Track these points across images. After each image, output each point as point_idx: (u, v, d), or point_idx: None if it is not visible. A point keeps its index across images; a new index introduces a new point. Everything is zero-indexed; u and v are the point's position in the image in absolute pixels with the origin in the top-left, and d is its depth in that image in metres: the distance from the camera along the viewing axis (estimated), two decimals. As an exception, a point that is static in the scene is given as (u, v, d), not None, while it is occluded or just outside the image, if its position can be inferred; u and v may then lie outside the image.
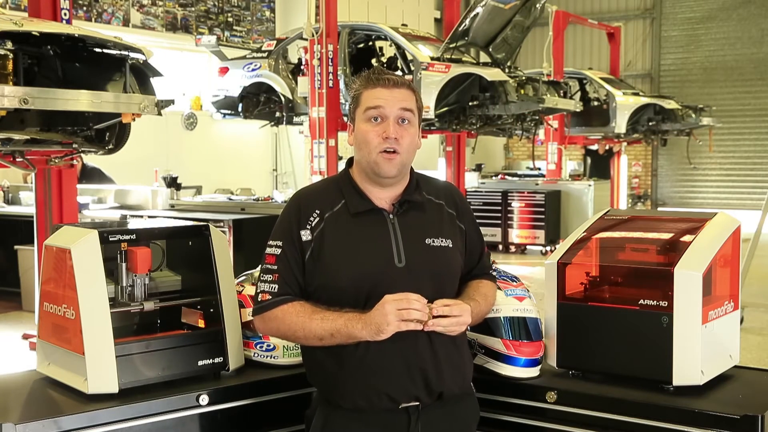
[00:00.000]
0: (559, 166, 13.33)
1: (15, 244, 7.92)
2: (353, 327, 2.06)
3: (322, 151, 8.39)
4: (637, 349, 2.40)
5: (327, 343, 2.11)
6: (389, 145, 2.17)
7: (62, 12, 5.93)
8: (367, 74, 2.26)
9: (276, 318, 2.16)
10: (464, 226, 2.31)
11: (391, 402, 2.13)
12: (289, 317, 2.14)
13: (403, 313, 2.02)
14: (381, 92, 2.19)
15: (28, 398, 2.36)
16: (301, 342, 2.19)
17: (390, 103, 2.18)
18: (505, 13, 8.88)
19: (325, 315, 2.10)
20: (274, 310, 2.16)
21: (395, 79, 2.22)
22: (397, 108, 2.19)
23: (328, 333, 2.09)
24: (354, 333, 2.07)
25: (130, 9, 12.71)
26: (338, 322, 2.08)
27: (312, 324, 2.11)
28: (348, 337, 2.08)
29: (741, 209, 14.44)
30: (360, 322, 2.06)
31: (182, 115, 13.21)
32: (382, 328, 2.03)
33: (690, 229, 2.53)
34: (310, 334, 2.12)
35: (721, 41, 17.81)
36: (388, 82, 2.20)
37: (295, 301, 2.16)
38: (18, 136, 5.07)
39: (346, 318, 2.08)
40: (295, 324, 2.13)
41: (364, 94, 2.22)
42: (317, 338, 2.12)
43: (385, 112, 2.18)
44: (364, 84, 2.23)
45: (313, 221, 2.19)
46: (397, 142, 2.17)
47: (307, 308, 2.14)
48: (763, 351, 6.38)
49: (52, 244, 2.38)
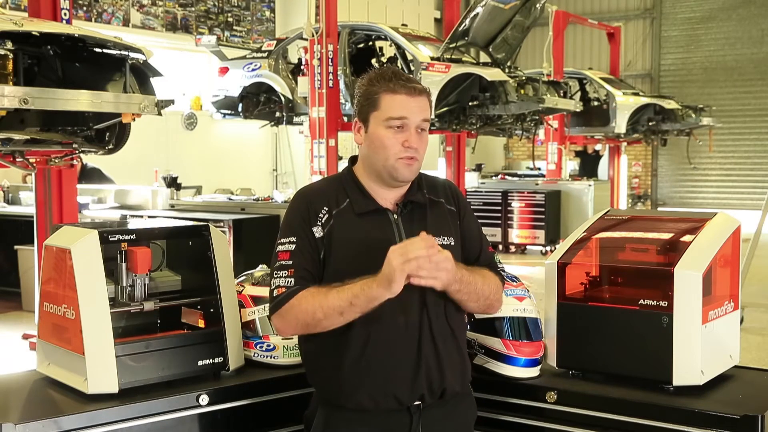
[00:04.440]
0: (559, 166, 13.33)
1: (15, 244, 7.92)
2: (369, 287, 2.04)
3: (322, 151, 8.39)
4: (637, 349, 2.40)
5: (348, 316, 2.08)
6: (410, 154, 2.17)
7: (62, 12, 5.93)
8: (387, 74, 2.20)
9: (293, 307, 2.12)
10: (463, 221, 2.32)
11: (397, 402, 2.13)
12: (306, 301, 2.11)
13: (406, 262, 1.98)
14: (405, 100, 2.17)
15: (28, 398, 2.37)
16: (322, 327, 2.12)
17: (414, 113, 2.17)
18: (505, 13, 8.88)
19: (341, 287, 2.08)
20: (291, 301, 2.12)
21: (417, 87, 2.20)
22: (419, 118, 2.19)
23: (347, 302, 2.06)
24: (371, 293, 2.04)
25: (130, 9, 12.70)
26: (355, 288, 2.06)
27: (329, 300, 2.08)
28: (367, 300, 2.05)
29: (741, 209, 14.40)
30: (374, 281, 2.04)
31: (182, 115, 13.20)
32: (391, 277, 2.00)
33: (690, 229, 2.53)
34: (330, 311, 2.08)
35: (721, 41, 17.80)
36: (413, 91, 2.18)
37: (310, 287, 2.13)
38: (18, 136, 5.07)
39: (362, 282, 2.06)
40: (312, 306, 2.10)
41: (385, 99, 2.18)
42: (338, 313, 2.08)
43: (407, 122, 2.17)
44: (385, 87, 2.18)
45: (323, 218, 2.18)
46: (416, 151, 2.19)
47: (321, 288, 2.11)
48: (763, 351, 6.38)
49: (52, 244, 2.38)
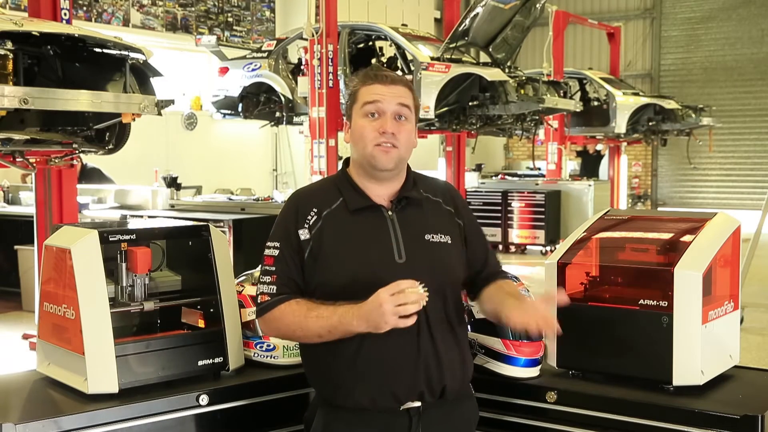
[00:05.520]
0: (559, 166, 13.33)
1: (15, 244, 7.92)
2: (348, 323, 2.05)
3: (322, 151, 8.39)
4: (637, 349, 2.40)
5: (327, 339, 2.10)
6: (386, 140, 2.16)
7: (62, 12, 5.92)
8: (365, 72, 2.26)
9: (276, 318, 2.16)
10: (463, 222, 2.31)
11: (395, 401, 2.13)
12: (287, 317, 2.13)
13: (399, 309, 1.98)
14: (378, 88, 2.19)
15: (28, 398, 2.36)
16: (303, 341, 2.18)
17: (387, 98, 2.18)
18: (505, 13, 8.88)
19: (320, 313, 2.09)
20: (273, 311, 2.16)
21: (392, 76, 2.22)
22: (394, 104, 2.18)
23: (325, 330, 2.09)
24: (351, 329, 2.05)
25: (130, 9, 12.71)
26: (332, 320, 2.07)
27: (308, 323, 2.10)
28: (345, 333, 2.07)
29: (741, 209, 14.40)
30: (354, 318, 2.03)
31: (182, 115, 13.20)
32: (380, 326, 2.01)
33: (690, 229, 2.53)
34: (309, 333, 2.12)
35: (721, 41, 17.80)
36: (385, 79, 2.20)
37: (292, 299, 2.15)
38: (18, 136, 5.07)
39: (340, 314, 2.06)
40: (293, 324, 2.13)
41: (361, 91, 2.21)
42: (316, 336, 2.11)
43: (382, 107, 2.17)
44: (362, 81, 2.23)
45: (311, 220, 2.18)
46: (395, 137, 2.17)
47: (302, 306, 2.12)
48: (763, 351, 6.38)
49: (52, 244, 2.38)
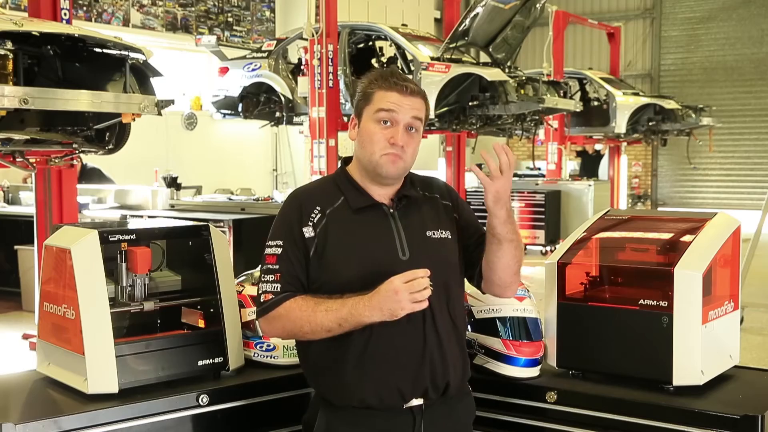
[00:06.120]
0: (559, 166, 13.33)
1: (15, 244, 7.92)
2: (359, 314, 2.04)
3: (322, 151, 8.38)
4: (637, 349, 2.40)
5: (336, 332, 2.09)
6: (395, 151, 2.16)
7: (62, 12, 5.92)
8: (385, 74, 2.22)
9: (280, 316, 2.14)
10: (459, 215, 2.32)
11: (401, 397, 2.12)
12: (294, 313, 2.11)
13: (416, 295, 2.00)
14: (395, 97, 2.17)
15: (28, 398, 2.37)
16: (309, 337, 2.14)
17: (403, 109, 2.17)
18: (505, 13, 8.88)
19: (328, 306, 2.08)
20: (278, 309, 2.13)
21: (411, 87, 2.20)
22: (409, 116, 2.18)
23: (335, 324, 2.07)
24: (362, 320, 2.05)
25: (130, 9, 12.71)
26: (342, 312, 2.06)
27: (317, 317, 2.09)
28: (356, 324, 2.07)
29: (741, 209, 14.40)
30: (366, 308, 2.04)
31: (182, 115, 13.21)
32: (395, 312, 2.01)
33: (690, 229, 2.53)
34: (317, 327, 2.10)
35: (721, 41, 17.80)
36: (405, 89, 2.18)
37: (297, 296, 2.14)
38: (18, 136, 5.07)
39: (350, 306, 2.06)
40: (300, 319, 2.11)
41: (377, 94, 2.19)
42: (325, 330, 2.09)
43: (396, 117, 2.17)
44: (380, 84, 2.20)
45: (315, 218, 2.17)
46: (403, 149, 2.17)
47: (309, 301, 2.11)
48: (763, 351, 6.38)
49: (52, 244, 2.38)
